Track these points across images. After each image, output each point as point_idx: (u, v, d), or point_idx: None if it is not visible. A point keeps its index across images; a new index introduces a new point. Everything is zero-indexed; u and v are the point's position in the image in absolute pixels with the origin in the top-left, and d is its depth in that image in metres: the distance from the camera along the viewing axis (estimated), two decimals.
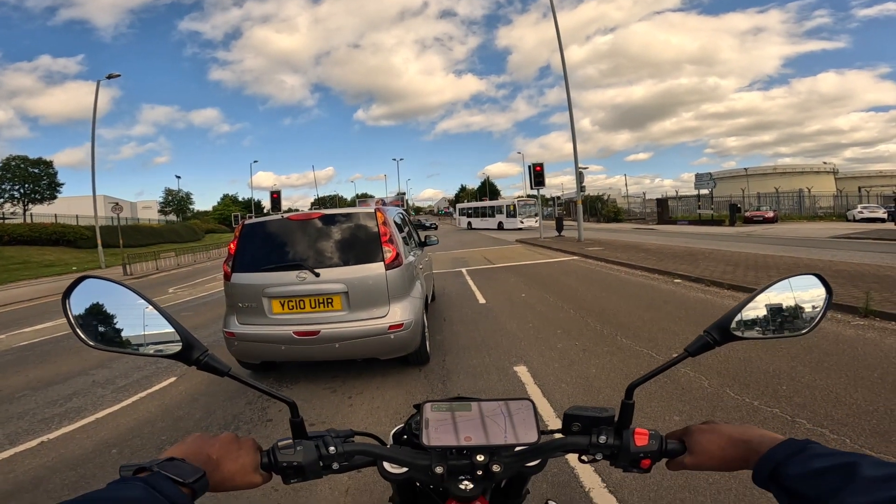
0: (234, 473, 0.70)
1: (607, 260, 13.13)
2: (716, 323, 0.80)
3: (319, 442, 0.77)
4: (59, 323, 9.03)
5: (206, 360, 0.75)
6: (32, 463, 3.42)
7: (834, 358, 4.39)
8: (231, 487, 0.71)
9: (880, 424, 3.04)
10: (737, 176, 62.12)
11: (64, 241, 30.15)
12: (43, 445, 3.72)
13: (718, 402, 3.61)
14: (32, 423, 4.20)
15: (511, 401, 0.80)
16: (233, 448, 0.72)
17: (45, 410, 4.48)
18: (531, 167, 22.42)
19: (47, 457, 3.50)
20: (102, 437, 3.79)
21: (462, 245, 23.23)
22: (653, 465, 0.79)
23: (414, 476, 0.81)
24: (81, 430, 3.98)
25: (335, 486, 2.75)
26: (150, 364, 5.76)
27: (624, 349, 5.07)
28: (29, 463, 3.42)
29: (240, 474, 0.71)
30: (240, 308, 4.47)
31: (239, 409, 4.13)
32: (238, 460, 0.71)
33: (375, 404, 4.01)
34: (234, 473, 0.70)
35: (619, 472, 2.66)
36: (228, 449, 0.71)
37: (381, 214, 4.62)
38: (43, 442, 3.78)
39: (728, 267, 10.20)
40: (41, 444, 3.75)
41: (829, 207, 41.44)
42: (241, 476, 0.71)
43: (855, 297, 6.39)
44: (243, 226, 4.76)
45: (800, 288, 0.82)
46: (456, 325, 6.62)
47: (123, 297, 0.75)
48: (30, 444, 3.75)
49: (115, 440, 3.73)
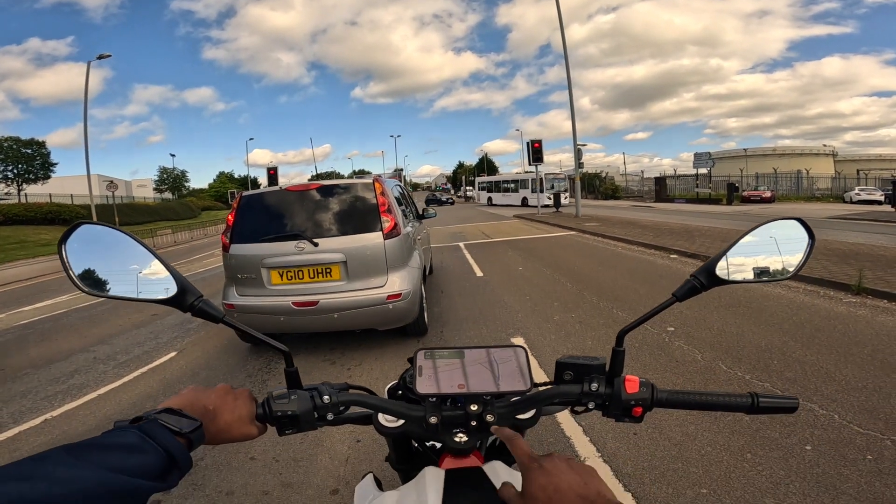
0: (231, 424, 0.70)
1: (604, 235, 13.15)
2: (702, 267, 0.79)
3: (314, 392, 0.77)
4: (57, 301, 9.04)
5: (201, 305, 0.74)
6: (37, 440, 3.44)
7: (825, 334, 4.46)
8: (227, 439, 0.71)
9: (868, 401, 3.11)
10: (736, 156, 61.91)
11: (59, 220, 29.86)
12: (47, 423, 3.74)
13: (711, 375, 3.67)
14: (36, 401, 4.21)
15: (504, 348, 0.80)
16: (229, 399, 0.72)
17: (48, 388, 4.50)
18: (529, 143, 22.26)
19: (51, 434, 3.53)
20: (105, 413, 3.83)
21: (460, 220, 23.19)
22: (645, 414, 0.78)
23: (409, 429, 0.81)
24: (84, 407, 4.01)
25: (335, 455, 2.81)
26: (151, 339, 5.80)
27: (620, 322, 5.13)
28: (34, 441, 3.44)
29: (236, 425, 0.71)
30: (238, 279, 4.48)
31: (239, 381, 4.18)
32: (235, 411, 0.71)
33: (374, 375, 4.07)
34: (231, 424, 0.70)
35: (613, 442, 2.75)
36: (224, 400, 0.71)
37: (379, 185, 4.61)
38: (47, 419, 3.80)
39: (724, 243, 10.07)
40: (45, 421, 3.77)
41: (827, 189, 41.42)
42: (238, 427, 0.71)
43: (848, 274, 6.46)
44: (241, 197, 4.74)
45: (783, 233, 0.82)
46: (454, 297, 6.66)
47: (119, 242, 0.74)
48: (34, 421, 3.77)
49: (117, 415, 3.73)
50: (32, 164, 40.32)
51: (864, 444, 2.61)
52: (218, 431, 0.69)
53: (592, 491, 0.59)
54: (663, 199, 39.25)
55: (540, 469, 0.63)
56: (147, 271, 0.74)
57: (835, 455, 2.52)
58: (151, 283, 0.74)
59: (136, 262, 0.74)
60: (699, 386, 3.51)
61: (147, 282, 0.74)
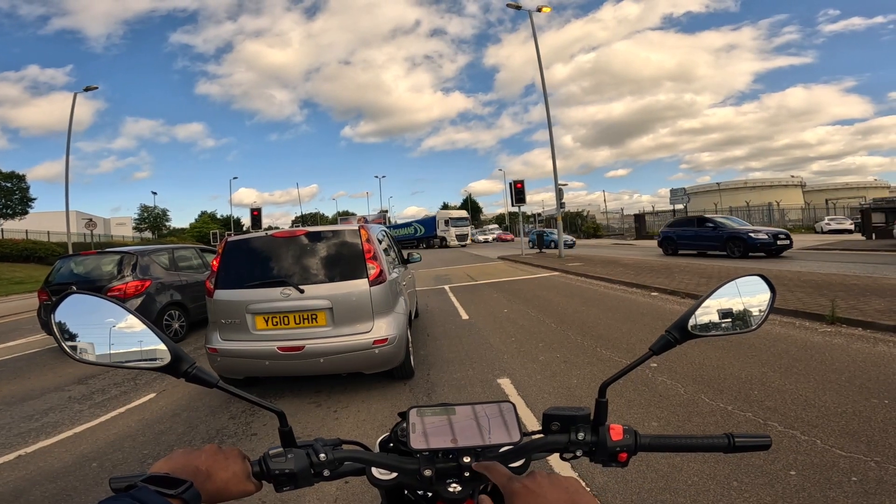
0: (227, 482, 0.70)
1: (587, 275, 13.35)
2: (675, 323, 0.85)
3: (309, 450, 0.79)
4: (31, 340, 8.80)
5: (195, 372, 0.76)
6: (11, 475, 3.39)
7: (803, 363, 4.57)
8: (226, 497, 0.71)
9: (849, 425, 3.19)
10: (710, 190, 64.24)
11: (35, 257, 29.29)
12: (21, 459, 3.68)
13: (694, 407, 3.72)
14: (9, 437, 4.14)
15: (494, 404, 0.83)
16: (220, 458, 0.71)
17: (21, 425, 4.41)
18: (512, 184, 22.72)
19: (26, 469, 3.47)
20: (82, 451, 3.75)
21: (445, 263, 23.30)
22: (630, 459, 0.83)
23: (403, 481, 0.82)
24: (59, 445, 3.92)
25: (323, 496, 2.77)
26: (128, 380, 5.66)
27: (604, 360, 5.19)
28: (8, 475, 3.39)
29: (233, 483, 0.71)
30: (222, 324, 4.46)
31: (222, 423, 4.10)
32: (228, 469, 0.71)
33: (361, 417, 4.03)
34: (227, 482, 0.70)
35: (602, 476, 2.77)
36: (215, 459, 0.71)
37: (364, 231, 4.69)
38: (20, 456, 3.74)
39: (702, 279, 10.49)
40: (18, 457, 3.71)
41: (798, 220, 42.81)
42: (235, 485, 0.71)
43: (822, 305, 6.65)
44: (227, 242, 4.77)
45: (746, 288, 0.91)
46: (440, 340, 6.66)
47: (110, 311, 0.76)
48: (7, 457, 3.71)
49: (94, 454, 3.68)
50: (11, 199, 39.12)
51: (847, 466, 2.67)
52: (216, 490, 0.69)
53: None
54: (643, 236, 40.12)
55: (523, 488, 0.65)
56: (139, 340, 0.76)
57: (819, 479, 2.57)
58: (145, 352, 0.76)
59: (127, 331, 0.76)
60: (683, 418, 3.56)
61: (140, 350, 0.76)
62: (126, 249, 8.56)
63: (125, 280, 7.68)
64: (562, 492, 0.63)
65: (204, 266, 9.49)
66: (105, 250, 9.07)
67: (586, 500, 0.63)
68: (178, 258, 9.09)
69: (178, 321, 8.19)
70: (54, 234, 31.89)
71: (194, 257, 9.67)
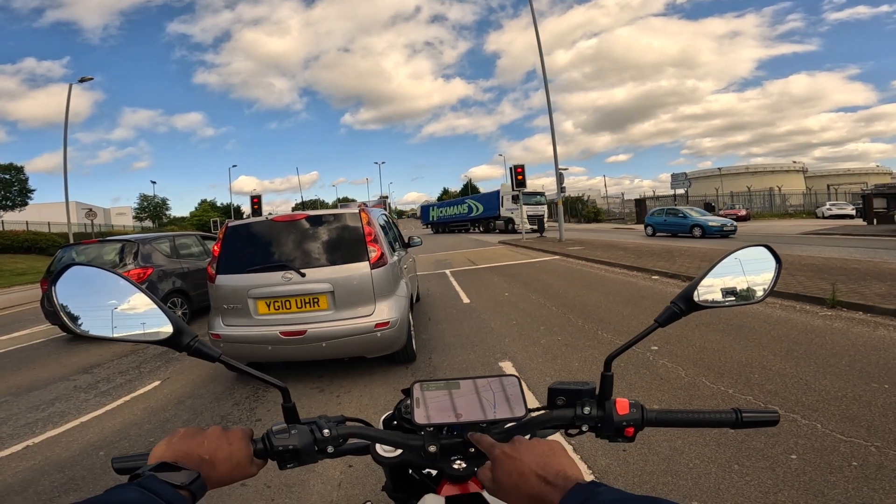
0: (231, 469, 0.70)
1: (588, 259, 13.34)
2: (680, 294, 0.84)
3: (313, 426, 0.78)
4: (35, 330, 8.83)
5: (197, 345, 0.75)
6: (20, 466, 3.41)
7: (803, 347, 4.58)
8: (229, 482, 0.71)
9: (849, 409, 3.20)
10: (711, 175, 63.86)
11: (36, 248, 29.31)
12: (28, 449, 3.70)
13: (695, 391, 3.74)
14: (16, 427, 4.17)
15: (499, 378, 0.82)
16: (223, 444, 0.71)
17: (28, 415, 4.43)
18: (513, 169, 22.62)
19: (34, 459, 3.49)
20: (88, 440, 3.77)
21: (445, 248, 23.30)
22: (636, 434, 0.81)
23: (407, 458, 0.82)
24: (67, 434, 3.95)
25: (327, 480, 2.79)
26: (133, 368, 5.70)
27: (605, 343, 5.22)
28: (16, 466, 3.41)
29: (237, 469, 0.71)
30: (225, 310, 4.47)
31: (227, 409, 4.13)
32: (232, 458, 0.70)
33: (364, 401, 4.06)
34: (231, 469, 0.70)
35: (603, 458, 2.78)
36: (219, 446, 0.70)
37: (365, 215, 4.68)
38: (28, 446, 3.76)
39: (703, 263, 10.47)
40: (27, 448, 3.73)
41: (800, 205, 42.76)
42: (238, 470, 0.71)
43: (822, 289, 6.65)
44: (227, 227, 4.76)
45: (752, 258, 0.89)
46: (441, 324, 6.68)
47: (111, 283, 0.74)
48: (15, 448, 3.73)
49: (101, 442, 3.71)
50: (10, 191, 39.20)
51: (848, 451, 2.69)
52: (219, 478, 0.69)
53: (552, 471, 0.62)
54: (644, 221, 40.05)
55: (503, 454, 0.67)
56: (141, 312, 0.74)
57: (820, 463, 2.59)
58: (147, 325, 0.74)
59: (129, 303, 0.74)
60: (684, 401, 3.58)
61: (142, 323, 0.74)
62: (127, 238, 8.54)
63: (127, 268, 7.68)
64: (537, 455, 0.64)
65: (205, 253, 9.49)
66: (106, 239, 9.06)
67: (561, 460, 0.64)
68: (179, 246, 9.08)
69: (180, 308, 8.21)
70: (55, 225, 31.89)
71: (195, 244, 9.66)
